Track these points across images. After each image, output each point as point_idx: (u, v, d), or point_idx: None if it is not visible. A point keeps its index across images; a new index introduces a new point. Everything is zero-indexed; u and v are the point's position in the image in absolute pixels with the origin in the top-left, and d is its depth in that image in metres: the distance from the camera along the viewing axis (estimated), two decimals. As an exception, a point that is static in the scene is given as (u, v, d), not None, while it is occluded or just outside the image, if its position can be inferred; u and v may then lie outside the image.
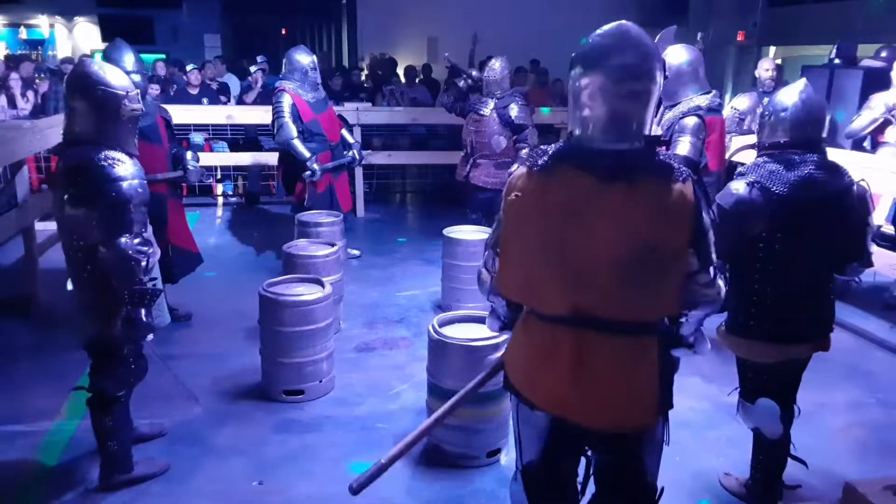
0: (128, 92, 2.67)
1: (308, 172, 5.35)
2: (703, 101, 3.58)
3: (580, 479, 2.00)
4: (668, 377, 1.84)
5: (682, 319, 1.89)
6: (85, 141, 2.63)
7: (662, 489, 1.91)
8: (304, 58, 5.53)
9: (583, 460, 1.98)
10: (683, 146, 3.45)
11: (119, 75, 2.72)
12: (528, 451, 1.94)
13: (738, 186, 2.50)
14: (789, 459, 2.77)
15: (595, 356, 1.74)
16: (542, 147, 1.81)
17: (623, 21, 1.74)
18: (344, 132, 5.88)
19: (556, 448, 1.89)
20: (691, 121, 3.49)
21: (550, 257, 1.72)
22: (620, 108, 1.68)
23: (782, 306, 2.53)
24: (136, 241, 2.59)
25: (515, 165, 1.86)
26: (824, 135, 2.59)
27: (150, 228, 2.78)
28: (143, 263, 2.60)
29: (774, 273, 2.51)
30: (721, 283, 1.83)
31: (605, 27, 1.74)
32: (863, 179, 2.57)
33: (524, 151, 5.55)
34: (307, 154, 5.34)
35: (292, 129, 5.37)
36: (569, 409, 1.79)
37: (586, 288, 1.70)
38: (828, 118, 2.63)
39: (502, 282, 1.90)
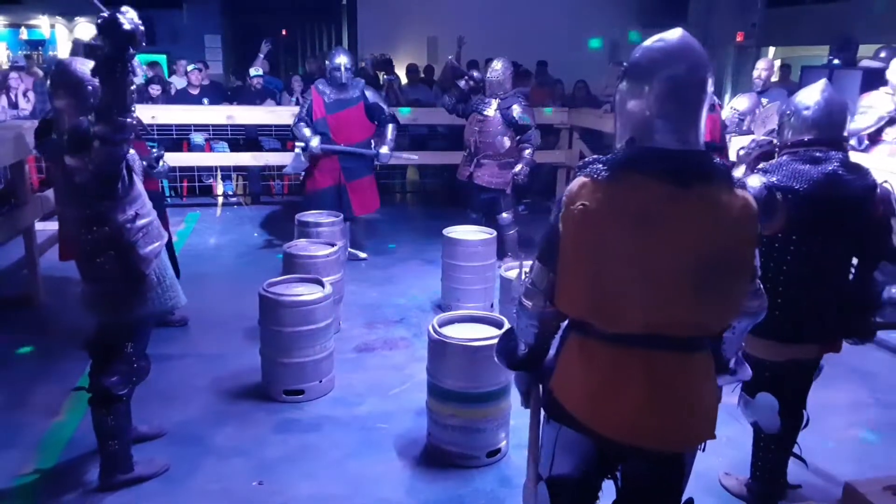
0: None
1: (302, 145, 5.77)
2: None
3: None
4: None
5: (728, 334, 1.88)
6: None
7: (691, 499, 1.89)
8: (336, 58, 5.79)
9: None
10: None
11: None
12: (561, 466, 1.87)
13: (755, 183, 2.47)
14: (789, 459, 2.77)
15: (669, 376, 1.70)
16: (598, 157, 1.73)
17: (679, 29, 1.70)
18: (389, 128, 5.88)
19: (595, 466, 1.85)
20: None
21: (623, 269, 1.65)
22: (692, 106, 1.64)
23: (794, 305, 2.52)
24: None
25: (519, 167, 1.80)
26: (845, 134, 2.56)
27: (156, 219, 2.80)
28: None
29: (789, 272, 2.50)
30: (764, 294, 1.85)
31: (663, 35, 1.69)
32: (886, 181, 2.54)
33: (527, 152, 5.58)
34: (308, 135, 5.71)
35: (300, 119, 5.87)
36: (645, 436, 1.72)
37: (660, 301, 1.65)
38: (849, 117, 2.60)
39: (564, 298, 1.76)
